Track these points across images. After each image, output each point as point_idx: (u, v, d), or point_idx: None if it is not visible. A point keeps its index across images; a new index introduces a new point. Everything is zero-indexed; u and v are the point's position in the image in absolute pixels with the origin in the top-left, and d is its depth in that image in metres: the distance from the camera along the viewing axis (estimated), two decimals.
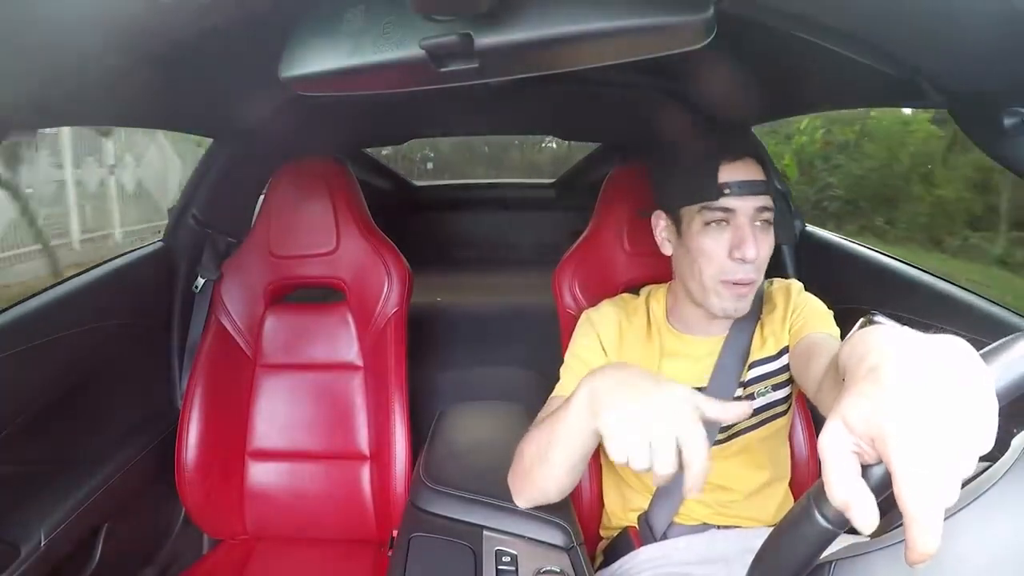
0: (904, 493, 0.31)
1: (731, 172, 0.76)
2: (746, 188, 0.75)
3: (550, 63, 0.59)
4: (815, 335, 0.78)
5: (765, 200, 0.77)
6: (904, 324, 0.43)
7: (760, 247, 0.76)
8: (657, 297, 0.92)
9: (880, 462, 0.34)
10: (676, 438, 0.49)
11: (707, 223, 0.77)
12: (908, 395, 0.33)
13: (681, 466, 0.50)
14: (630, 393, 0.53)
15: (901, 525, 0.37)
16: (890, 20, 0.50)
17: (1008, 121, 0.52)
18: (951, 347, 0.35)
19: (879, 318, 0.44)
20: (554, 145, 4.23)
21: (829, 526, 0.36)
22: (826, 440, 0.35)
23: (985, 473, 0.37)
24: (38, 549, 0.85)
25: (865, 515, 0.33)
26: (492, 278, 2.14)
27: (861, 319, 0.46)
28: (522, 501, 0.71)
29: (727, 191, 0.75)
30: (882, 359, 0.36)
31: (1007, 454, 0.37)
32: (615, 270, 1.09)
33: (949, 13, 0.45)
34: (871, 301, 0.72)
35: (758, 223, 0.77)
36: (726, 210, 0.76)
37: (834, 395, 0.54)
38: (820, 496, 0.36)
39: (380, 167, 2.39)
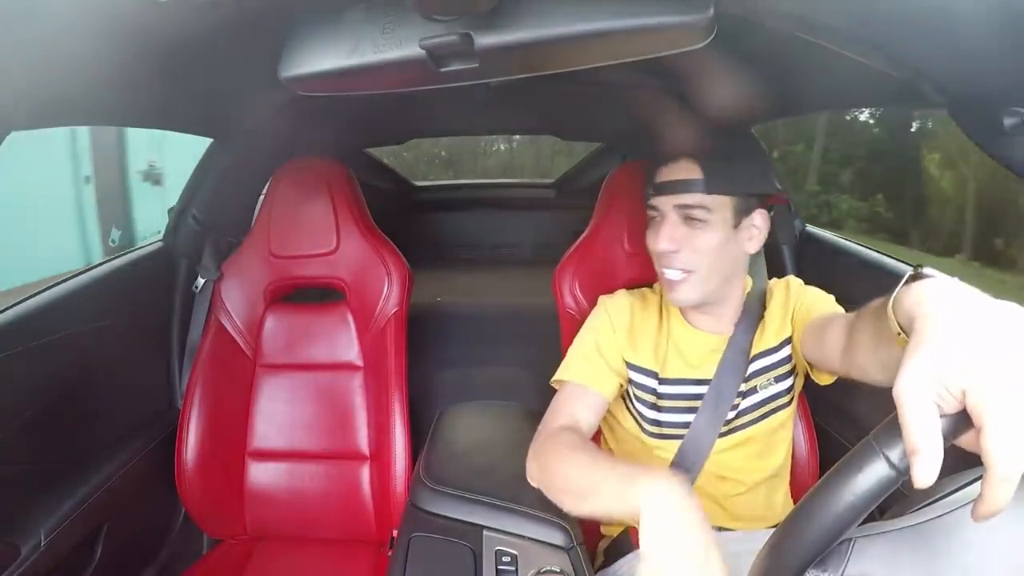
0: (992, 445, 0.32)
1: (666, 173, 0.82)
2: (668, 188, 0.81)
3: (550, 63, 0.59)
4: (825, 314, 0.81)
5: (689, 198, 0.80)
6: None
7: (681, 242, 0.80)
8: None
9: (957, 413, 0.35)
10: None
11: (649, 220, 0.85)
12: (1003, 352, 0.35)
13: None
14: (677, 552, 0.52)
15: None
16: (890, 21, 0.50)
17: (1008, 121, 0.52)
18: (1021, 311, 0.37)
19: (927, 270, 0.44)
20: (502, 148, 4.84)
21: (894, 472, 0.35)
22: (907, 383, 0.35)
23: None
24: (38, 549, 0.85)
25: (931, 467, 0.33)
26: (492, 278, 2.14)
27: (910, 272, 0.46)
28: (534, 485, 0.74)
29: (653, 191, 0.83)
30: (964, 314, 0.37)
31: None
32: (615, 270, 1.09)
33: (949, 14, 0.45)
34: (871, 301, 0.73)
35: (683, 219, 0.81)
36: (655, 208, 0.84)
37: (876, 351, 0.56)
38: (886, 438, 0.36)
39: (380, 167, 2.39)
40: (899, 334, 0.46)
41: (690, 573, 0.50)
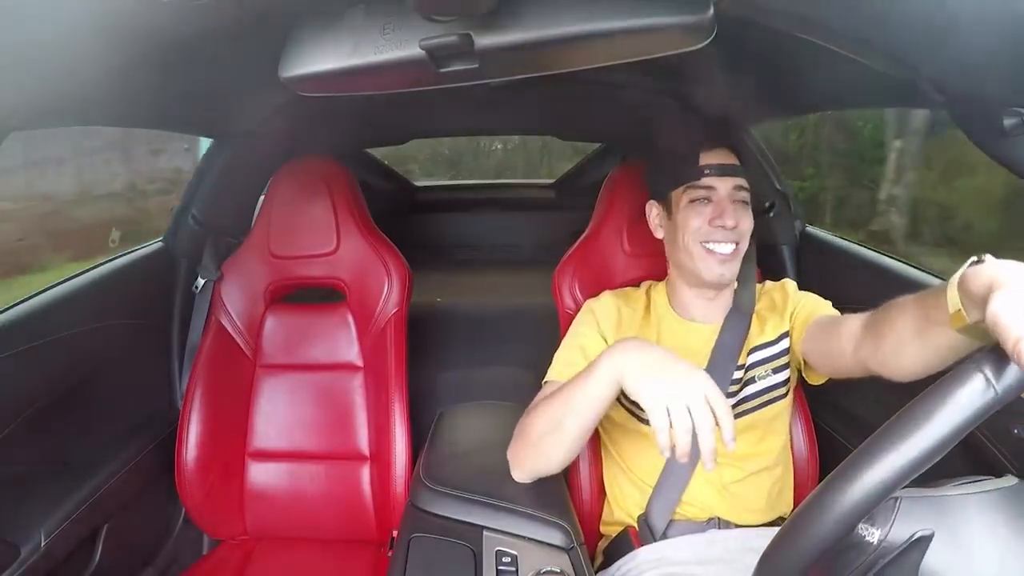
0: None
1: (710, 157, 0.88)
2: (723, 170, 0.87)
3: (550, 64, 0.59)
4: (828, 314, 0.86)
5: (741, 181, 0.88)
6: None
7: (739, 219, 0.86)
8: (657, 289, 0.97)
9: None
10: (706, 405, 0.60)
11: (692, 200, 0.88)
12: None
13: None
14: (662, 374, 0.63)
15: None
16: (890, 21, 0.50)
17: (1008, 121, 0.52)
18: None
19: (988, 257, 0.46)
20: (498, 147, 5.06)
21: (995, 392, 0.36)
22: (1001, 300, 0.37)
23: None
24: (38, 549, 0.85)
25: None
26: (492, 278, 2.14)
27: (972, 258, 0.47)
28: (523, 474, 0.76)
29: (707, 172, 0.87)
30: None
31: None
32: (615, 270, 1.09)
33: (949, 14, 0.45)
34: (871, 301, 0.73)
35: (736, 201, 0.87)
36: (708, 188, 0.87)
37: (921, 336, 0.58)
38: (987, 360, 0.36)
39: (380, 167, 2.39)
40: (959, 310, 0.47)
41: (676, 369, 0.63)
